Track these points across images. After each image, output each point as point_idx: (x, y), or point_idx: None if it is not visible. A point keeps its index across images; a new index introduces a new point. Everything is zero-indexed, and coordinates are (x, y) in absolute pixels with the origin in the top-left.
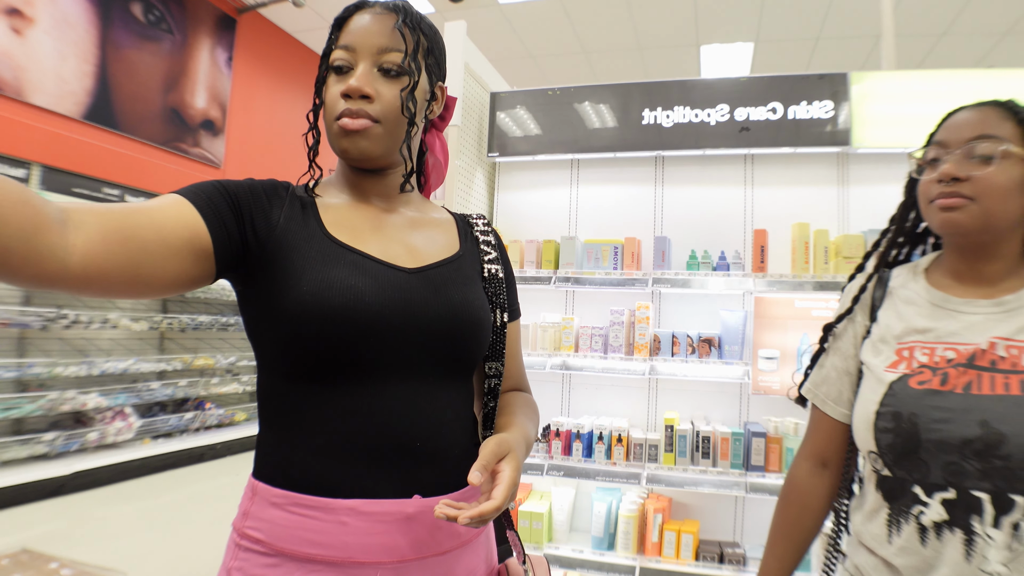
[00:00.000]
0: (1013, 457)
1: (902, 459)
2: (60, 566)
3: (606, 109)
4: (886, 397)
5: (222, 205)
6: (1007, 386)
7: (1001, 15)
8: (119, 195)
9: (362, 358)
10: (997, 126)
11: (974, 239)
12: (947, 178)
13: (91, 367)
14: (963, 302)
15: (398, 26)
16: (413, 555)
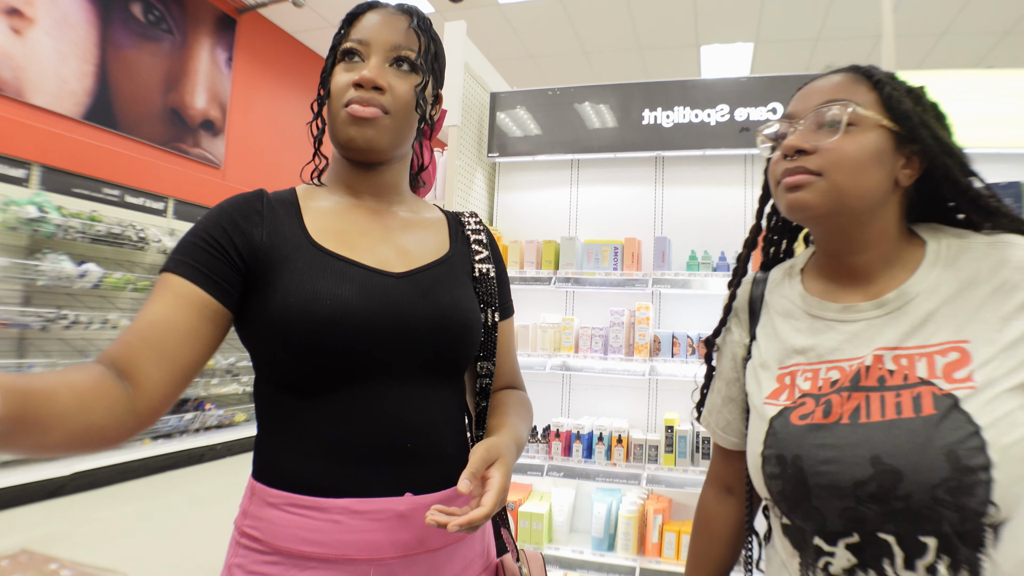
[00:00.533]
0: (914, 497)
1: (795, 508)
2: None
3: (606, 109)
4: (768, 437)
5: (210, 261)
6: (898, 407)
7: (1001, 15)
8: (119, 195)
9: (352, 365)
10: (848, 90)
11: (830, 223)
12: (791, 152)
13: None
14: (841, 308)
15: (413, 26)
16: (406, 551)
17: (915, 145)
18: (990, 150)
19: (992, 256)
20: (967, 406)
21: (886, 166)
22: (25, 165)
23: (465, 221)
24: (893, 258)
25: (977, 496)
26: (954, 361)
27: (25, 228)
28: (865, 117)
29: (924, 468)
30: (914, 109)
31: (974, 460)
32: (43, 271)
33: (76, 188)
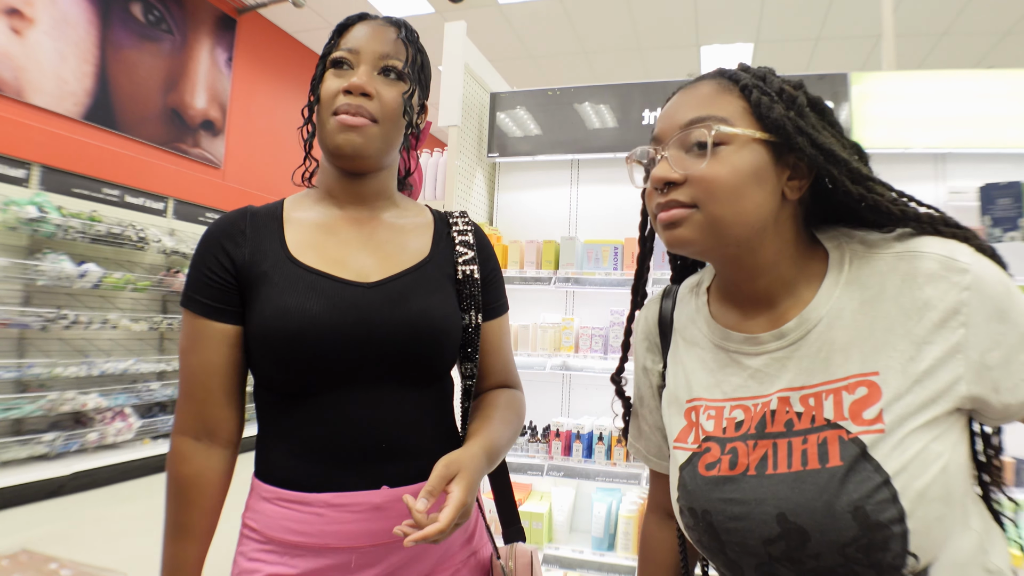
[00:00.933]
0: (824, 557)
1: (715, 558)
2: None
3: (606, 109)
4: (679, 488)
5: (213, 292)
6: (804, 456)
7: (1001, 15)
8: (119, 195)
9: (323, 374)
10: (713, 103)
11: (718, 255)
12: (659, 185)
13: (91, 368)
14: (744, 340)
15: (401, 37)
16: (385, 540)
17: (797, 153)
18: (990, 150)
19: (900, 269)
20: (875, 452)
21: (767, 183)
22: (25, 165)
23: (453, 222)
24: (793, 278)
25: (892, 550)
26: (863, 398)
27: (25, 228)
28: (734, 135)
29: (830, 528)
30: (786, 115)
31: (884, 514)
32: (43, 271)
33: (76, 188)
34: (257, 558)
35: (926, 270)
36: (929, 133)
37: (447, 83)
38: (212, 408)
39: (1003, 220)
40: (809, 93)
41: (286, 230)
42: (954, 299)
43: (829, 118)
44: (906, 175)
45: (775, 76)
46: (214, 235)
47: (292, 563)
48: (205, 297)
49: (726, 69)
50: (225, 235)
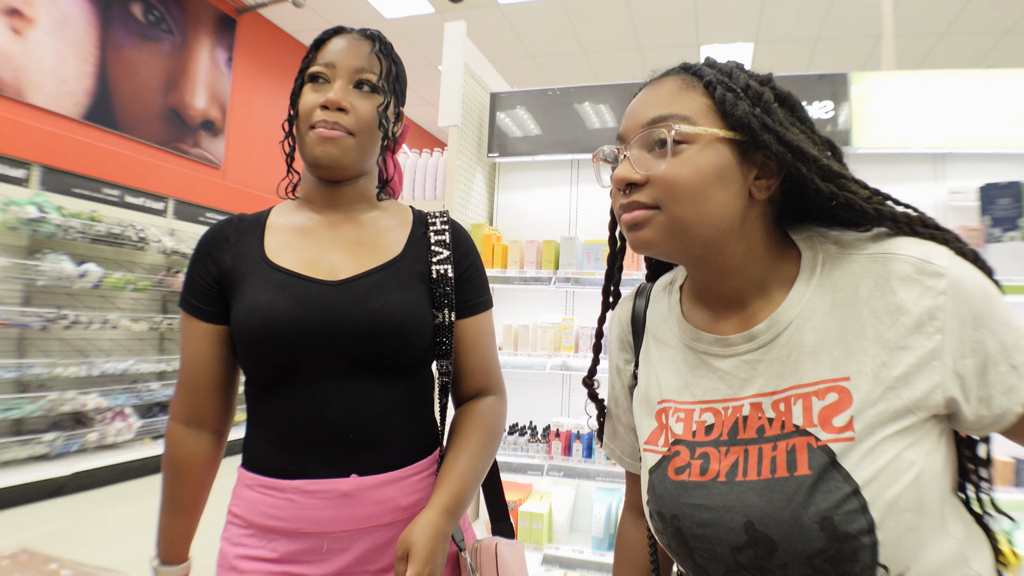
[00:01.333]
0: (791, 567)
1: (684, 563)
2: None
3: (606, 109)
4: (648, 491)
5: (203, 295)
6: (773, 463)
7: (1001, 15)
8: (119, 195)
9: (291, 367)
10: (676, 101)
11: (684, 256)
12: (621, 185)
13: (91, 368)
14: (714, 341)
15: (375, 51)
16: (355, 526)
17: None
18: (990, 150)
19: (873, 272)
20: (845, 461)
21: (732, 183)
22: (25, 165)
23: (431, 221)
24: (764, 278)
25: (860, 562)
26: (832, 404)
27: (25, 228)
28: (696, 135)
29: (797, 539)
30: (751, 112)
31: (853, 525)
32: (43, 271)
33: (76, 188)
34: (240, 542)
35: (899, 272)
36: (929, 133)
37: (447, 83)
38: (200, 399)
39: (1003, 220)
40: (778, 88)
41: (266, 235)
42: (928, 304)
43: (799, 114)
44: (906, 175)
45: (742, 71)
46: (204, 243)
47: (271, 547)
48: (194, 299)
49: (691, 64)
50: (212, 243)
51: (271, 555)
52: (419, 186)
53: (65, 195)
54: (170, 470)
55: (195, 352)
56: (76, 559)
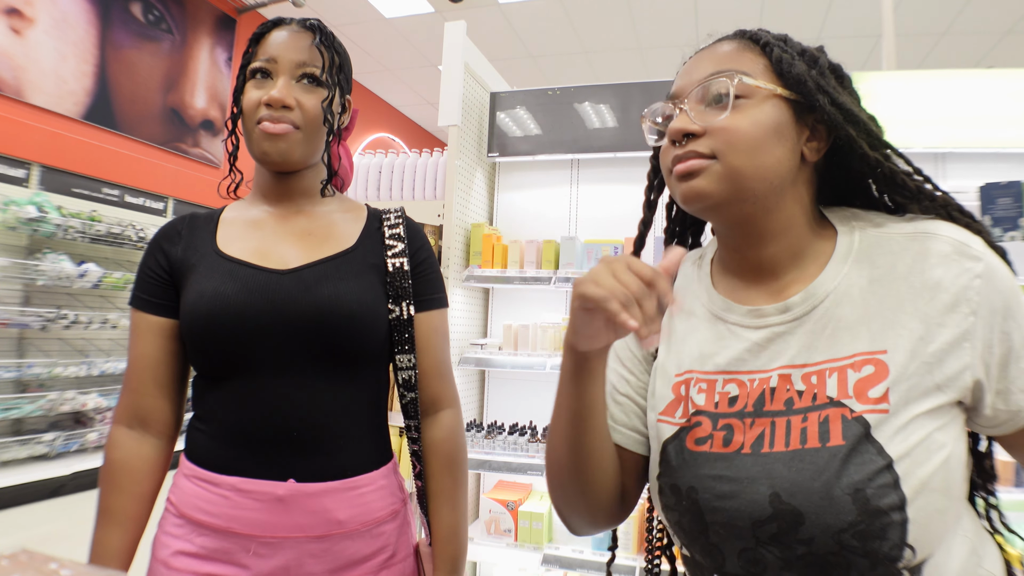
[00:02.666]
0: (817, 541)
1: (694, 542)
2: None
3: (606, 109)
4: (661, 464)
5: (154, 288)
6: (804, 434)
7: (1001, 15)
8: (119, 195)
9: (237, 356)
10: (734, 59)
11: (732, 212)
12: (678, 137)
13: (91, 367)
14: (746, 312)
15: (316, 44)
16: (285, 533)
17: (817, 114)
18: (990, 150)
19: (912, 250)
20: (878, 434)
21: (788, 140)
22: (25, 165)
23: (386, 217)
24: (801, 250)
25: (889, 540)
26: (868, 376)
27: (25, 228)
28: (755, 88)
29: (827, 511)
30: (808, 72)
31: (885, 500)
32: (43, 271)
33: (76, 188)
34: (170, 532)
35: (938, 251)
36: (929, 133)
37: (447, 83)
38: (145, 398)
39: (1003, 220)
40: (829, 57)
41: (219, 229)
42: (964, 284)
43: (848, 86)
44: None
45: (795, 40)
46: (156, 238)
47: (195, 541)
48: (144, 293)
49: (746, 29)
50: (164, 237)
51: (192, 548)
52: (419, 186)
53: (65, 195)
54: (107, 476)
55: (143, 349)
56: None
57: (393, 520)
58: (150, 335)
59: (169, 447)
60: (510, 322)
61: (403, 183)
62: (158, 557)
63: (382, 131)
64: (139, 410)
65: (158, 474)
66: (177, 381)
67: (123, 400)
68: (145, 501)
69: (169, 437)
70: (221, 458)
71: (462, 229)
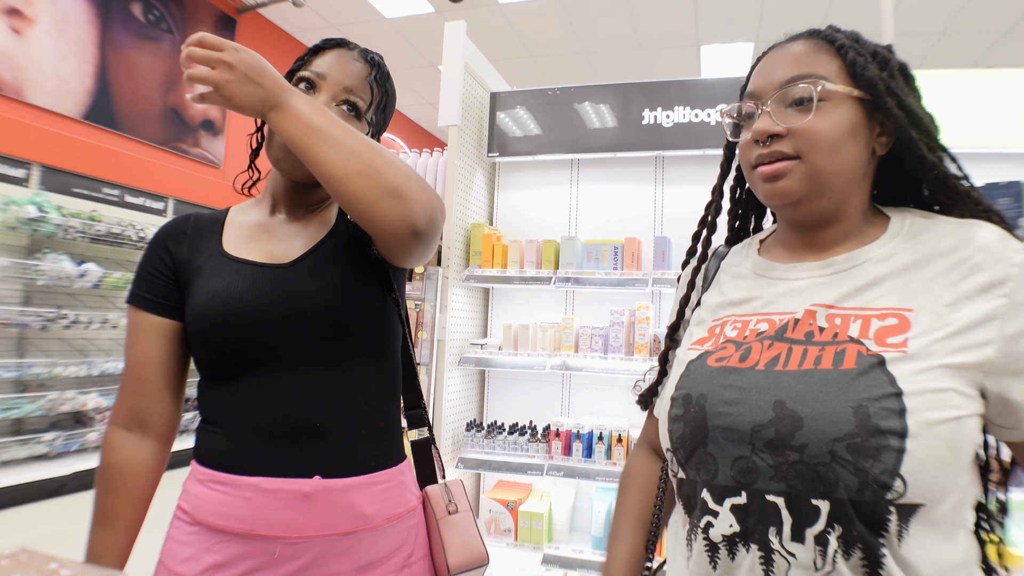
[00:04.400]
0: (811, 448)
1: (691, 456)
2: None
3: (606, 109)
4: (681, 379)
5: (156, 287)
6: (818, 359)
7: (1001, 15)
8: (119, 195)
9: (252, 353)
10: (812, 61)
11: (812, 207)
12: (762, 137)
13: (91, 367)
14: (787, 267)
15: (370, 79)
16: (312, 532)
17: (885, 113)
18: (990, 150)
19: (957, 234)
20: (893, 368)
21: (862, 138)
22: (25, 165)
23: None
24: (856, 231)
25: (882, 463)
26: (891, 326)
27: (25, 228)
28: (834, 92)
29: (826, 417)
30: (880, 75)
31: (886, 422)
32: (43, 271)
33: (76, 188)
34: (184, 540)
35: (983, 237)
36: None
37: (447, 83)
38: (145, 400)
39: None
40: (899, 57)
41: (225, 231)
42: (1003, 271)
43: (913, 85)
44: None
45: (866, 39)
46: (159, 236)
47: (217, 548)
48: (147, 292)
49: (819, 29)
50: (168, 236)
51: (216, 558)
52: None
53: (65, 195)
54: (104, 479)
55: (143, 349)
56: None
57: (411, 518)
58: (151, 335)
59: (166, 449)
60: (510, 322)
61: None
62: (171, 568)
63: None
64: (138, 412)
65: (155, 476)
66: (177, 382)
67: (121, 401)
68: (142, 504)
69: (167, 439)
70: (240, 459)
71: (462, 229)
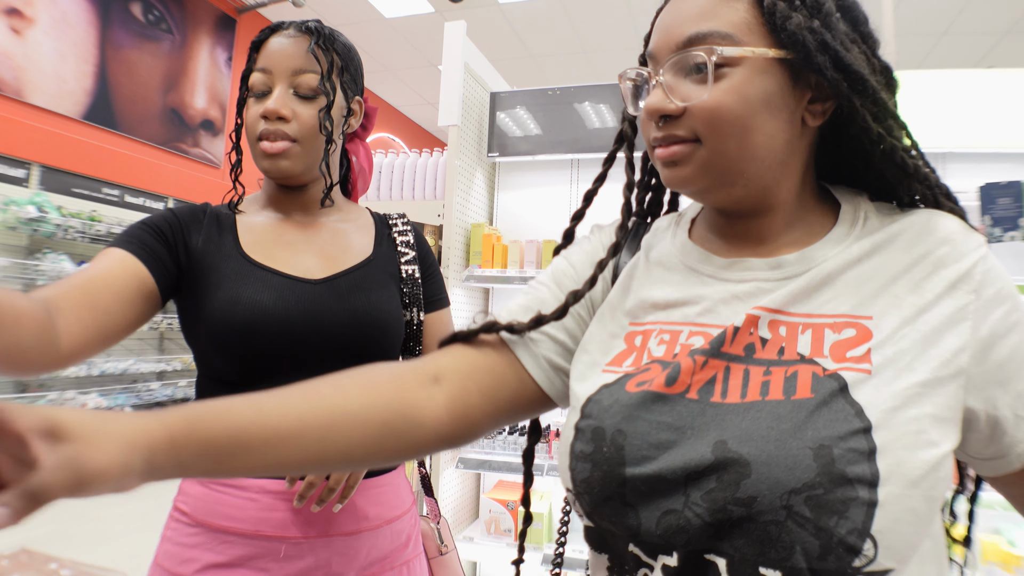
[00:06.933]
0: (760, 502)
1: (602, 505)
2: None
3: (606, 109)
4: (589, 404)
5: (155, 244)
6: (764, 387)
7: (1001, 15)
8: (119, 195)
9: (271, 364)
10: (717, 13)
11: (723, 196)
12: (654, 117)
13: (91, 367)
14: (726, 264)
15: (311, 48)
16: (317, 533)
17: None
18: (990, 150)
19: (917, 223)
20: (858, 394)
21: (782, 111)
22: (25, 165)
23: (393, 223)
24: (797, 220)
25: (849, 520)
26: (849, 339)
27: (25, 228)
28: (740, 57)
29: (780, 462)
30: (807, 25)
31: (854, 467)
32: (43, 271)
33: (76, 188)
34: (184, 542)
35: (945, 228)
36: (929, 133)
37: (447, 83)
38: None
39: (1003, 220)
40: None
41: (239, 228)
42: (968, 266)
43: (862, 29)
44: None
45: None
46: (176, 212)
47: (219, 549)
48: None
49: None
50: (188, 216)
51: (220, 559)
52: (419, 186)
53: (65, 195)
54: None
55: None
56: (76, 559)
57: (408, 518)
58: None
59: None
60: None
61: (403, 183)
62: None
63: (382, 131)
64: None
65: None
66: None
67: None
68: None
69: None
70: None
71: (462, 229)
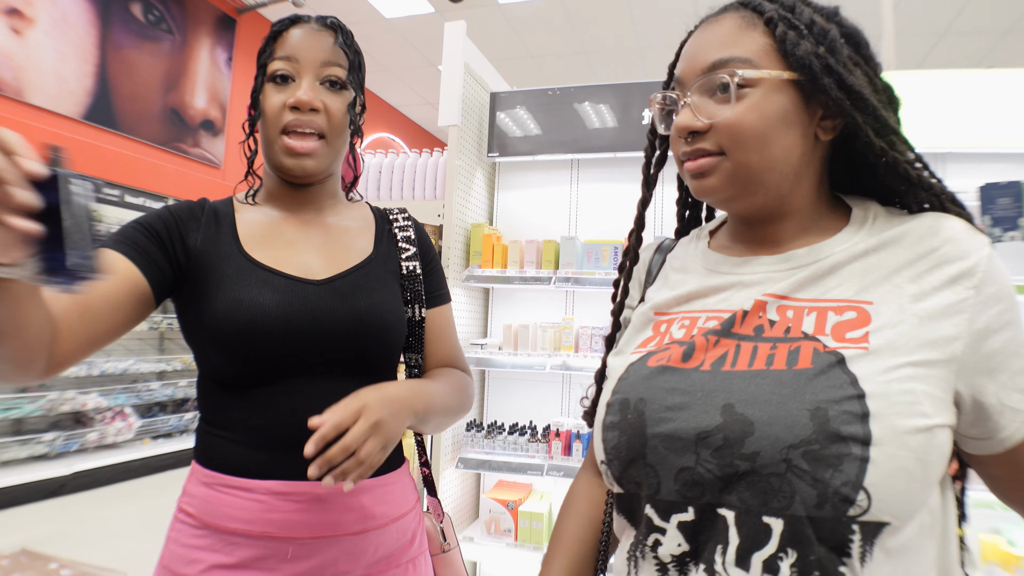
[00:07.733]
0: (763, 456)
1: (629, 466)
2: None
3: (606, 109)
4: (619, 383)
5: (148, 245)
6: (770, 359)
7: (1001, 15)
8: (119, 195)
9: (273, 365)
10: (737, 41)
11: (747, 204)
12: (683, 134)
13: (91, 367)
14: (742, 261)
15: (339, 43)
16: (324, 532)
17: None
18: (990, 150)
19: (923, 223)
20: (854, 367)
21: (797, 126)
22: None
23: (393, 218)
24: (812, 225)
25: (843, 473)
26: (850, 320)
27: None
28: (758, 78)
29: (780, 421)
30: (815, 51)
31: (847, 427)
32: None
33: None
34: (190, 544)
35: (950, 228)
36: (929, 133)
37: (447, 83)
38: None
39: (1003, 220)
40: (845, 23)
41: (238, 226)
42: (970, 264)
43: (864, 52)
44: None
45: (806, 5)
46: (172, 211)
47: (226, 551)
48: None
49: (748, 0)
50: (185, 214)
51: (227, 560)
52: (419, 186)
53: None
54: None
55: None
56: (76, 559)
57: (413, 516)
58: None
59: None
60: (510, 322)
61: (403, 183)
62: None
63: (382, 131)
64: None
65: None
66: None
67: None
68: None
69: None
70: (254, 463)
71: (462, 229)
